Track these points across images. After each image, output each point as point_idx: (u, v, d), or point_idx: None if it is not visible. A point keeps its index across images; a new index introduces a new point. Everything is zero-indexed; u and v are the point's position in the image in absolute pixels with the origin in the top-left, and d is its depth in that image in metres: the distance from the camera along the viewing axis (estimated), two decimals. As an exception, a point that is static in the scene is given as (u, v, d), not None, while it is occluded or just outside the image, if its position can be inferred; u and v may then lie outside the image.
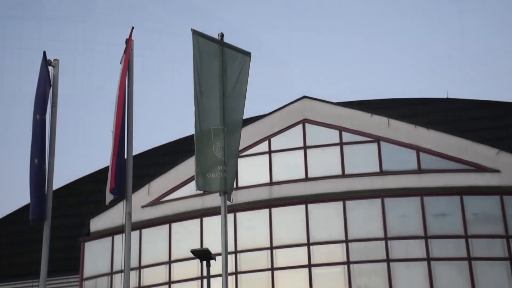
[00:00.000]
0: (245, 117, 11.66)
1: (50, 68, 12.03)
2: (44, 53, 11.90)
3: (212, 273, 16.79)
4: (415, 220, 20.15)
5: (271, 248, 20.65)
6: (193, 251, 16.75)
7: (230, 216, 20.11)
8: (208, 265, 16.81)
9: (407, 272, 19.73)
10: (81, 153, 60.98)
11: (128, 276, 10.23)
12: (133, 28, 11.62)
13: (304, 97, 22.43)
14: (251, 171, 21.54)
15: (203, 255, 16.77)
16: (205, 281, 17.63)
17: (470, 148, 20.77)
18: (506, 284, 19.18)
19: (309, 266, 20.17)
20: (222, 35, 11.59)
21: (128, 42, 11.65)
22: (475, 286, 19.11)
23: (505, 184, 20.14)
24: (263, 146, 22.05)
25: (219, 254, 12.65)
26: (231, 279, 20.11)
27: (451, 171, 20.57)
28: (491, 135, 24.09)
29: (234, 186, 13.74)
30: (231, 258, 20.13)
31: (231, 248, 19.91)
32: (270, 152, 21.95)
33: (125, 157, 11.21)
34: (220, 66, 11.36)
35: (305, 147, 21.69)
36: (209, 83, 11.28)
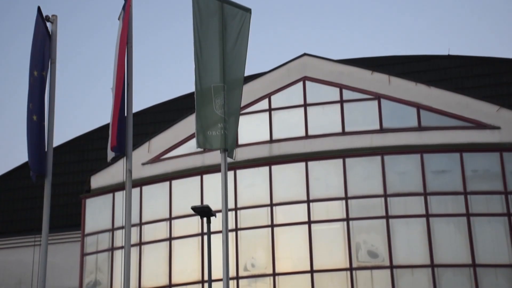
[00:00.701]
0: (245, 75, 11.59)
1: (48, 24, 11.88)
2: (39, 8, 11.72)
3: (212, 229, 16.94)
4: (414, 177, 20.25)
5: (271, 205, 20.78)
6: (193, 208, 16.86)
7: (230, 174, 20.21)
8: (209, 222, 16.94)
9: (406, 228, 19.90)
10: (82, 110, 60.94)
11: (129, 232, 10.31)
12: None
13: (305, 54, 22.30)
14: (251, 129, 21.54)
15: (203, 212, 16.88)
16: (205, 237, 17.79)
17: (470, 105, 20.75)
18: (503, 239, 19.37)
19: (309, 222, 20.32)
20: (221, -9, 11.45)
21: (127, -1, 11.53)
22: (473, 242, 19.31)
23: (505, 140, 20.18)
24: (263, 104, 22.01)
25: (219, 211, 12.73)
26: (231, 235, 20.29)
27: (451, 128, 20.59)
28: (492, 92, 24.04)
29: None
30: (231, 215, 20.29)
31: (231, 205, 20.05)
32: (270, 109, 21.93)
33: (125, 114, 11.19)
34: (220, 23, 11.25)
35: (305, 105, 21.66)
36: (209, 40, 11.18)
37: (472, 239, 19.33)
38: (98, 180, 23.30)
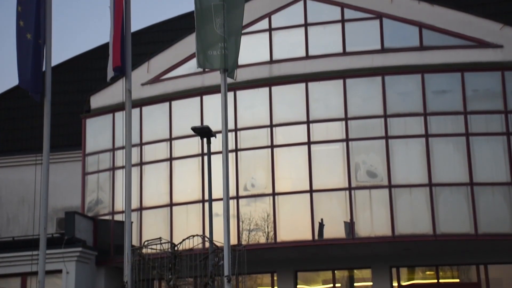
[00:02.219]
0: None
1: None
2: None
3: (212, 150, 17.05)
4: (414, 98, 20.20)
5: (271, 126, 20.83)
6: (193, 129, 16.90)
7: (230, 95, 20.12)
8: (209, 142, 17.02)
9: (405, 148, 20.02)
10: (81, 29, 60.22)
11: (129, 152, 10.37)
12: None
13: (306, -28, 21.84)
14: (250, 49, 21.32)
15: (203, 132, 16.93)
16: (205, 158, 17.91)
17: (473, 23, 20.48)
18: (501, 158, 19.51)
19: (308, 143, 20.42)
20: None
21: None
22: (471, 161, 19.45)
23: (507, 59, 20.01)
24: (263, 24, 21.72)
25: (219, 132, 12.78)
26: (231, 156, 20.43)
27: (453, 48, 20.39)
28: (496, 9, 23.61)
29: (234, 64, 13.59)
30: (231, 135, 20.36)
31: (231, 126, 20.08)
32: (270, 29, 21.67)
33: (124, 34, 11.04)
34: None
35: (306, 25, 21.38)
36: (209, -43, 10.93)
37: (471, 159, 19.46)
38: (97, 100, 23.28)
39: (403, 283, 21.38)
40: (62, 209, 22.88)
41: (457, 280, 21.36)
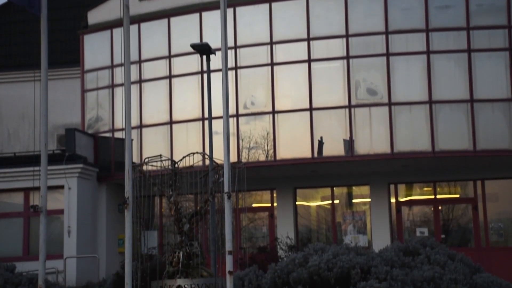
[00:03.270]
0: None
1: None
2: None
3: (212, 68, 16.92)
4: (417, 13, 19.87)
5: (271, 43, 20.61)
6: (192, 46, 16.73)
7: (230, 11, 19.85)
8: (208, 60, 16.88)
9: (406, 65, 19.86)
10: None
11: (128, 70, 10.26)
12: None
13: None
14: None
15: (202, 49, 16.77)
16: (205, 75, 17.81)
17: None
18: (502, 74, 19.38)
19: (309, 61, 20.26)
20: None
21: None
22: (472, 77, 19.33)
23: (514, -28, 19.62)
24: None
25: (218, 49, 12.63)
26: (231, 74, 20.30)
27: (458, -40, 19.95)
28: None
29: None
30: (230, 53, 20.17)
31: (230, 43, 19.85)
32: None
33: None
34: None
35: None
36: None
37: (472, 75, 19.34)
38: (95, 16, 22.94)
39: (401, 199, 21.70)
40: (62, 126, 22.92)
41: (454, 196, 21.67)
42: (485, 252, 20.39)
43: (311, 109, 20.03)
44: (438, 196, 21.49)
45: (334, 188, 22.11)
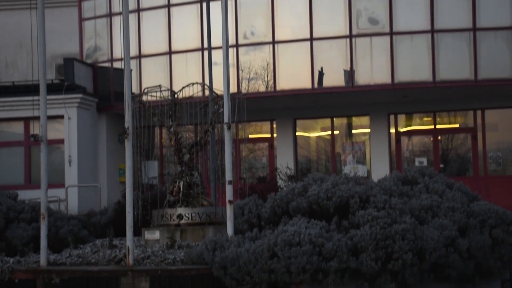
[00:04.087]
0: None
1: None
2: None
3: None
4: None
5: (271, -29, 20.26)
6: (191, -27, 16.42)
7: None
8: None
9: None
10: None
11: (126, -3, 10.07)
12: None
13: None
14: None
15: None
16: (204, 4, 17.56)
17: None
18: (507, 1, 19.09)
19: (309, -11, 19.95)
20: None
21: None
22: (475, 5, 19.02)
23: None
24: None
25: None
26: (230, 3, 20.03)
27: None
28: None
29: None
30: (230, -19, 19.82)
31: (230, -30, 19.49)
32: None
33: None
34: None
35: None
36: None
37: (475, 3, 19.02)
38: None
39: (401, 130, 21.75)
40: (60, 55, 22.73)
41: (454, 126, 21.70)
42: (483, 181, 20.59)
43: (311, 39, 19.83)
44: (437, 126, 21.53)
45: (334, 119, 22.13)
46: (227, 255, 8.55)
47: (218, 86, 11.14)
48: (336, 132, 22.17)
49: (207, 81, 15.13)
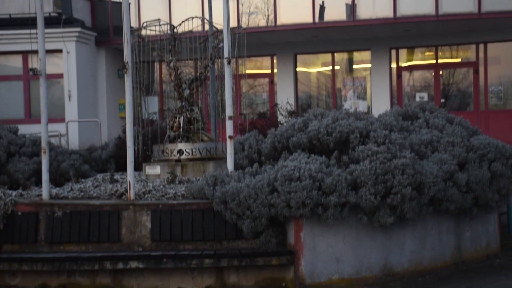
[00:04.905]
0: None
1: None
2: None
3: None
4: None
5: None
6: None
7: None
8: None
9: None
10: None
11: None
12: None
13: None
14: None
15: None
16: None
17: None
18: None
19: None
20: None
21: None
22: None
23: None
24: None
25: None
26: None
27: None
28: None
29: None
30: None
31: None
32: None
33: None
34: None
35: None
36: None
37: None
38: None
39: (402, 64, 21.61)
40: (58, -13, 22.38)
41: (456, 60, 21.54)
42: (484, 115, 20.58)
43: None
44: (439, 61, 21.38)
45: (335, 54, 21.96)
46: (228, 190, 8.63)
47: (218, 20, 11.02)
48: (336, 67, 22.03)
49: (206, 15, 14.94)
